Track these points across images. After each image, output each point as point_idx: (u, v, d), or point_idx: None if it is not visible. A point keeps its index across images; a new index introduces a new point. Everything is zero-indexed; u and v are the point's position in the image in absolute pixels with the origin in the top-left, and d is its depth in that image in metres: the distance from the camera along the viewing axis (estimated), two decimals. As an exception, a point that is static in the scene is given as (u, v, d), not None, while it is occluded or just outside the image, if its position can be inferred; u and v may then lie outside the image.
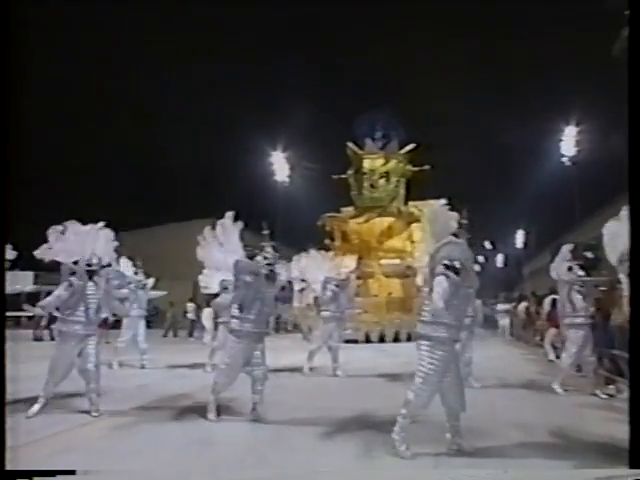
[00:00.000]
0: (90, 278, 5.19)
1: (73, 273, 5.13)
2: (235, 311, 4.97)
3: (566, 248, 6.99)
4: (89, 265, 5.19)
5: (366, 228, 19.39)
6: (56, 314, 5.32)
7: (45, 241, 5.29)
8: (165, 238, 29.61)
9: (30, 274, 20.69)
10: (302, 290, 8.88)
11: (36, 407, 4.96)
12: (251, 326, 4.93)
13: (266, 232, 6.49)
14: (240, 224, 5.83)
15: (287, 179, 29.15)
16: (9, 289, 13.95)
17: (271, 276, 5.07)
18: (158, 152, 38.33)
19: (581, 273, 6.75)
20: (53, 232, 5.29)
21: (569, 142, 25.54)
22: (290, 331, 19.05)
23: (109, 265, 5.62)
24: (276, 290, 5.18)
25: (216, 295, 7.83)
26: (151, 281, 9.98)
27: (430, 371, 3.75)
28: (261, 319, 5.00)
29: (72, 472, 2.38)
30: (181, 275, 19.44)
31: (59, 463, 3.31)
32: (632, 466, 2.26)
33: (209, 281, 6.78)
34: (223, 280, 6.32)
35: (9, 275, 13.68)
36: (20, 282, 19.02)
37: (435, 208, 4.32)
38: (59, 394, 5.44)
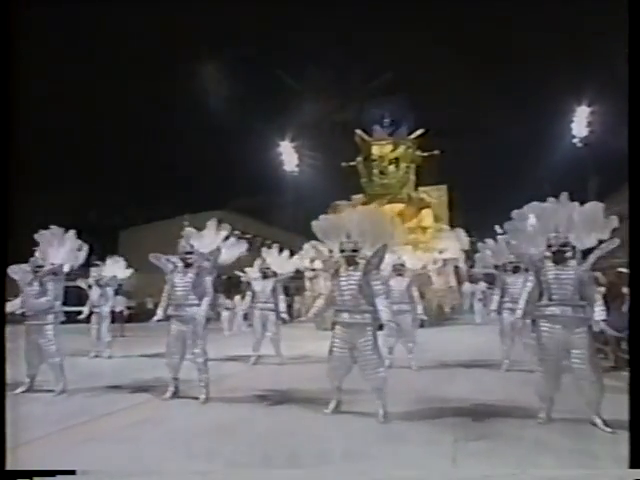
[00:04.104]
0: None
1: (54, 274, 5.66)
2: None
3: None
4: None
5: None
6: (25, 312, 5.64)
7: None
8: (176, 231, 29.57)
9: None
10: (313, 279, 8.87)
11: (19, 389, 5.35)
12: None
13: (187, 224, 6.76)
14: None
15: (296, 168, 29.04)
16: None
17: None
18: (166, 146, 38.47)
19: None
20: (45, 238, 5.78)
21: (581, 123, 25.15)
22: (303, 320, 19.02)
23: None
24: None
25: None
26: (121, 277, 9.81)
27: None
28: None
29: (72, 472, 2.42)
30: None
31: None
32: (632, 466, 2.24)
33: None
34: None
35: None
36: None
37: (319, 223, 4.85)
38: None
